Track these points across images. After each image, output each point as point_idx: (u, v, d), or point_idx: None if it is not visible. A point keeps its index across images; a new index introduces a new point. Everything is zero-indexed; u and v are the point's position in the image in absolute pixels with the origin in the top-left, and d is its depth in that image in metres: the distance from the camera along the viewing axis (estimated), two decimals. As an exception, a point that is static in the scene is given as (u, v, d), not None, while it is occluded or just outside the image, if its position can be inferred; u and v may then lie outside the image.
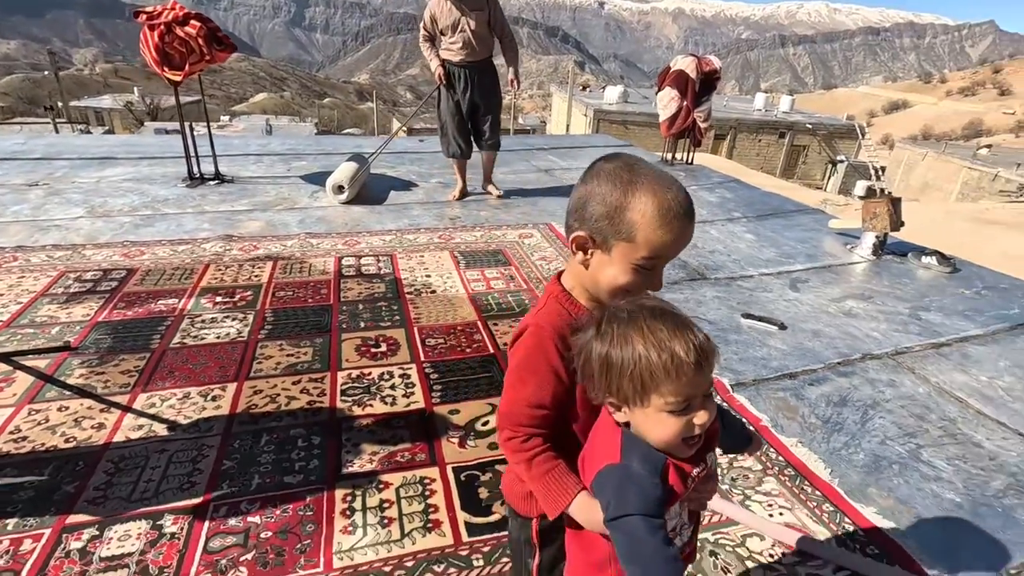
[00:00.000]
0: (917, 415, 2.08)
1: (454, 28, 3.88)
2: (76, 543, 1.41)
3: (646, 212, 0.76)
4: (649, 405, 0.70)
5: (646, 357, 0.68)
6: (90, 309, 2.53)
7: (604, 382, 0.72)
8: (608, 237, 0.79)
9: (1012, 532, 1.59)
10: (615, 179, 0.79)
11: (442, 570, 1.39)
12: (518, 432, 0.84)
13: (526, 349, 0.84)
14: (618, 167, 0.80)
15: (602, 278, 0.82)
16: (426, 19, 3.99)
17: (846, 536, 1.54)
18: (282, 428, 1.86)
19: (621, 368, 0.70)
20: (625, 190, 0.78)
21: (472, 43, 3.91)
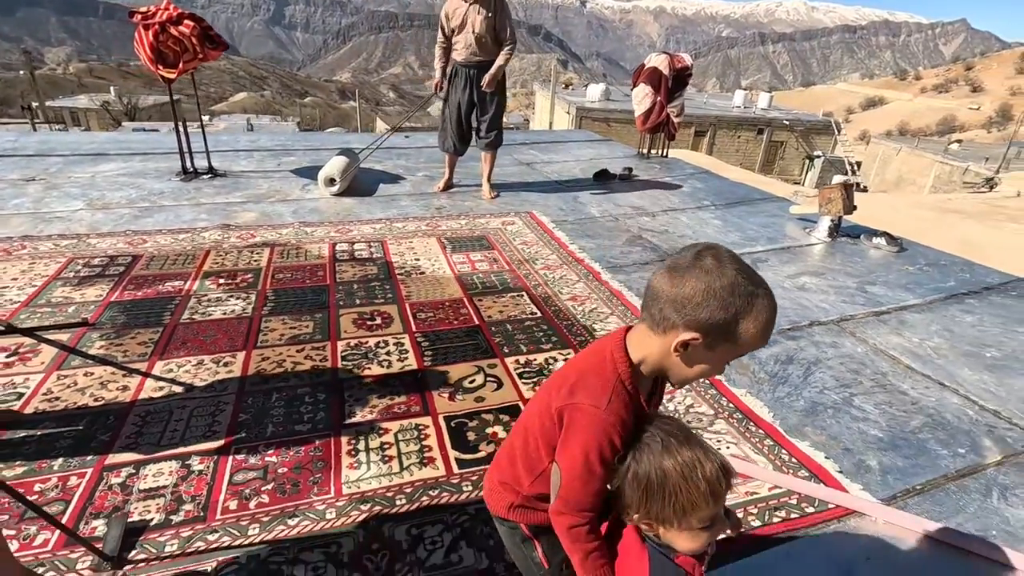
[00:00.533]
0: (853, 370, 2.36)
1: (461, 27, 4.05)
2: (116, 479, 1.62)
3: (759, 324, 0.81)
4: (686, 526, 0.81)
5: (687, 491, 0.79)
6: (102, 291, 2.72)
7: (644, 509, 0.83)
8: (717, 339, 0.82)
9: (922, 459, 1.86)
10: (737, 290, 0.80)
11: (436, 494, 1.62)
12: (584, 518, 0.88)
13: (598, 443, 0.85)
14: (739, 275, 0.81)
15: (692, 370, 0.86)
16: (441, 19, 4.19)
17: (783, 464, 1.80)
18: (290, 387, 2.07)
19: (664, 500, 0.80)
20: (747, 302, 0.80)
21: (474, 43, 4.05)
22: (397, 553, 1.43)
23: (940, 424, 2.03)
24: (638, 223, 4.15)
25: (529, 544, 1.02)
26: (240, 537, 1.46)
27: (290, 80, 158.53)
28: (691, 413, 2.02)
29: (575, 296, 2.91)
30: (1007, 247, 6.27)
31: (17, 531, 1.44)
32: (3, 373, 2.06)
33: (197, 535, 1.45)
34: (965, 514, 1.64)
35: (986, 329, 2.76)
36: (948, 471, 1.81)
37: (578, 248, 3.54)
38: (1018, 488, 1.75)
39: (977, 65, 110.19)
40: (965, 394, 2.22)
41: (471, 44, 4.07)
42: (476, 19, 4.01)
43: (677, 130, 6.17)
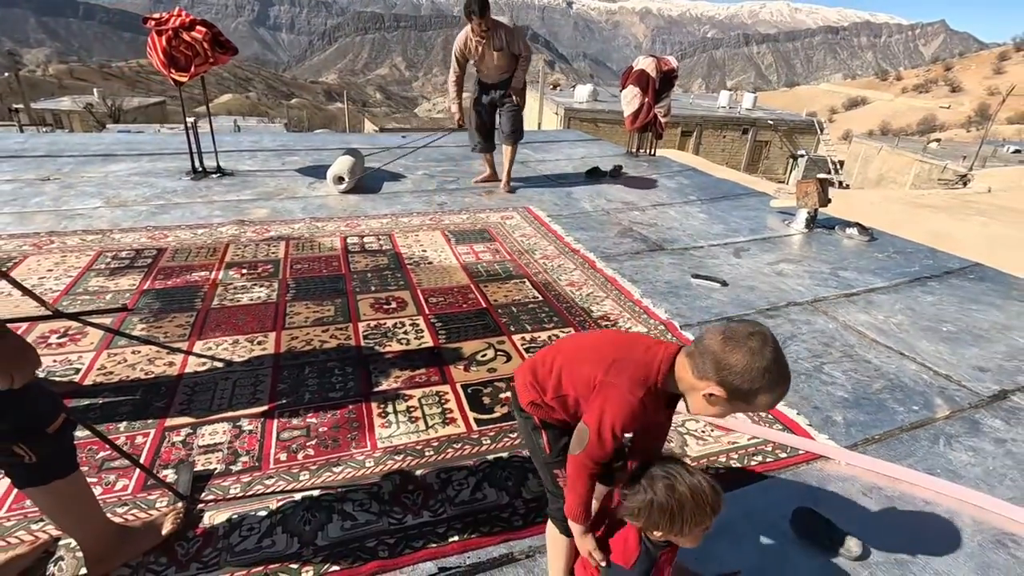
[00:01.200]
0: (824, 343, 2.63)
1: (480, 59, 4.43)
2: (177, 437, 1.84)
3: (771, 401, 1.04)
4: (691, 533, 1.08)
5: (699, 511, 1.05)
6: (134, 280, 2.92)
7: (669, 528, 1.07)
8: (737, 400, 1.04)
9: (881, 415, 2.13)
10: (768, 374, 0.99)
11: (460, 447, 1.86)
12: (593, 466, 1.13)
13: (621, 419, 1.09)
14: (774, 363, 1.00)
15: (709, 410, 1.08)
16: (456, 53, 4.44)
17: (760, 419, 2.06)
18: (320, 362, 2.30)
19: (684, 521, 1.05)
20: (771, 385, 1.00)
21: (496, 70, 4.49)
22: (430, 492, 1.67)
23: (898, 386, 2.31)
24: (628, 216, 4.41)
25: (537, 433, 1.28)
26: (293, 482, 1.68)
27: (276, 81, 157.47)
28: (680, 380, 2.28)
29: (573, 282, 3.16)
30: (972, 237, 6.64)
31: (98, 479, 1.65)
32: (59, 352, 2.26)
33: (256, 480, 1.68)
34: (915, 457, 1.91)
35: (944, 307, 3.05)
36: (903, 424, 2.08)
37: (573, 239, 3.79)
38: (961, 436, 2.02)
39: (956, 65, 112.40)
40: (922, 362, 2.50)
41: (493, 70, 4.48)
42: (493, 55, 4.38)
43: (664, 130, 6.45)
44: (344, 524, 1.54)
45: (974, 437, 2.02)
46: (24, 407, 1.17)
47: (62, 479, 1.25)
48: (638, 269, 3.38)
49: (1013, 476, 1.85)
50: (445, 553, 1.47)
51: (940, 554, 1.54)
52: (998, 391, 2.30)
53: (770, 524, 1.61)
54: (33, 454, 1.17)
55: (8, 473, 1.25)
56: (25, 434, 1.17)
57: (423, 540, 1.50)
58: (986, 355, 2.58)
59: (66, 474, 1.26)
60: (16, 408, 1.16)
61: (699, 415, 1.15)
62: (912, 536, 1.59)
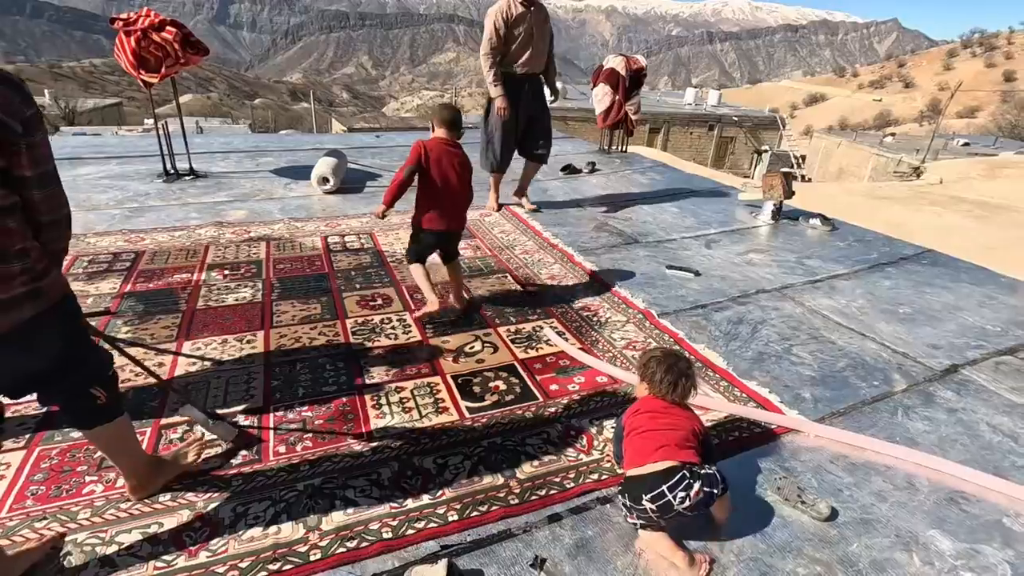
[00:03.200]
0: (792, 327, 2.79)
1: (526, 38, 3.78)
2: (174, 435, 1.86)
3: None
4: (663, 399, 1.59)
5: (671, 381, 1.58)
6: (114, 284, 2.90)
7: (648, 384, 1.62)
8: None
9: (845, 391, 2.29)
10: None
11: (454, 434, 1.94)
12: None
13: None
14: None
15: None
16: (493, 27, 3.73)
17: (736, 399, 2.19)
18: (311, 359, 2.34)
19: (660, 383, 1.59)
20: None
21: (538, 53, 3.87)
22: (428, 477, 1.74)
23: (860, 364, 2.47)
24: (604, 212, 4.53)
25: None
26: (294, 472, 1.73)
27: (238, 81, 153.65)
28: (660, 364, 2.39)
29: (553, 275, 3.26)
30: (925, 226, 7.01)
31: (99, 477, 1.67)
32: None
33: (258, 472, 1.72)
34: (877, 428, 2.06)
35: (900, 291, 3.25)
36: (865, 398, 2.24)
37: (552, 235, 3.89)
38: (917, 408, 2.19)
39: (909, 62, 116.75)
40: (881, 342, 2.68)
41: (536, 54, 3.86)
42: (543, 28, 3.84)
43: (635, 127, 6.61)
44: (347, 510, 1.60)
45: (929, 408, 2.19)
46: (98, 353, 1.43)
47: (121, 416, 1.47)
48: (615, 262, 3.50)
49: (963, 441, 2.01)
50: (446, 532, 1.55)
51: (900, 513, 1.68)
52: (949, 366, 2.49)
53: (748, 492, 1.73)
54: (104, 395, 1.39)
55: (78, 417, 1.43)
56: (99, 377, 1.40)
57: (424, 521, 1.58)
58: (939, 334, 2.78)
59: (123, 412, 1.48)
60: (93, 354, 1.40)
61: None
62: (875, 498, 1.73)
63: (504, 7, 3.74)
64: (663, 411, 1.59)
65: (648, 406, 1.61)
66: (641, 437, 1.55)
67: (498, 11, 3.74)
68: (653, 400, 1.62)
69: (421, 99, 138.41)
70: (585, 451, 1.87)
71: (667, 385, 1.58)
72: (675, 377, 1.59)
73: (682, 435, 1.52)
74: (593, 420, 2.03)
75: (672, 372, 1.59)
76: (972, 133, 46.02)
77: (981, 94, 76.51)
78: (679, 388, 1.59)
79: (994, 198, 9.27)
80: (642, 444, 1.53)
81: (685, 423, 1.56)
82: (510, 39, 3.78)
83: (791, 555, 1.52)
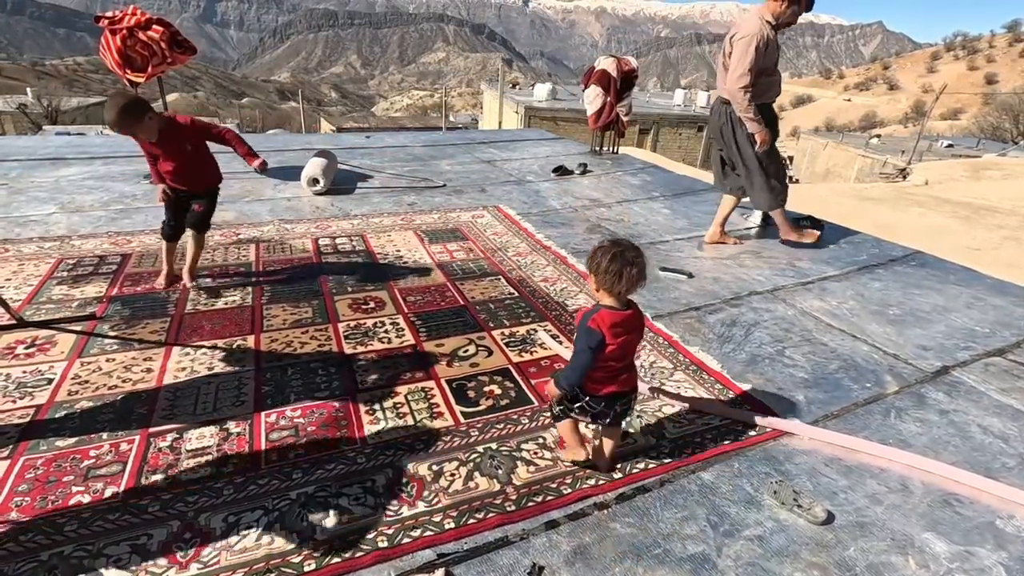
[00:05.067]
0: (784, 329, 2.80)
1: (775, 64, 3.47)
2: (163, 443, 1.83)
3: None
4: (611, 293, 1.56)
5: (615, 271, 1.52)
6: (100, 287, 2.84)
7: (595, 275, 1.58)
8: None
9: (838, 393, 2.30)
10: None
11: (449, 439, 1.92)
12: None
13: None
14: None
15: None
16: (758, 52, 3.27)
17: (729, 401, 2.19)
18: (302, 363, 2.31)
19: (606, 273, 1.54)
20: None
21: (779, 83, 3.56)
22: (424, 484, 1.72)
23: (852, 366, 2.49)
24: (596, 213, 4.53)
25: None
26: (287, 481, 1.70)
27: (225, 80, 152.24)
28: (655, 367, 2.39)
29: (546, 278, 3.25)
30: (912, 227, 7.09)
31: (85, 487, 1.63)
32: (28, 363, 2.19)
33: (250, 480, 1.69)
34: (869, 430, 2.08)
35: (890, 292, 3.28)
36: (857, 400, 2.25)
37: (544, 237, 3.88)
38: (909, 409, 2.21)
39: (893, 64, 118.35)
40: (872, 343, 2.70)
41: (776, 76, 3.51)
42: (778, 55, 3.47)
43: (626, 128, 6.63)
44: (342, 518, 1.57)
45: (921, 409, 2.21)
46: None
47: None
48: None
49: (955, 443, 2.03)
50: (442, 540, 1.53)
51: (895, 516, 1.69)
52: (940, 367, 2.51)
53: (744, 495, 1.73)
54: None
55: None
56: None
57: (420, 529, 1.56)
58: (928, 335, 2.80)
59: None
60: None
61: None
62: (870, 501, 1.74)
63: (762, 32, 3.28)
64: (634, 330, 1.63)
65: (613, 333, 1.56)
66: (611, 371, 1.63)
67: (758, 36, 3.26)
68: (609, 315, 1.56)
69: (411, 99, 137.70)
70: (581, 456, 1.86)
71: (612, 275, 1.54)
72: (620, 266, 1.54)
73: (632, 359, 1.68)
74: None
75: (617, 260, 1.54)
76: (955, 135, 46.77)
77: (964, 96, 77.75)
78: (624, 278, 1.54)
79: (978, 199, 9.41)
80: (606, 379, 1.63)
81: (636, 340, 1.65)
82: (766, 70, 3.37)
83: (788, 559, 1.52)
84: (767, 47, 3.30)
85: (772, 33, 3.34)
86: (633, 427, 1.99)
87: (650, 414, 2.09)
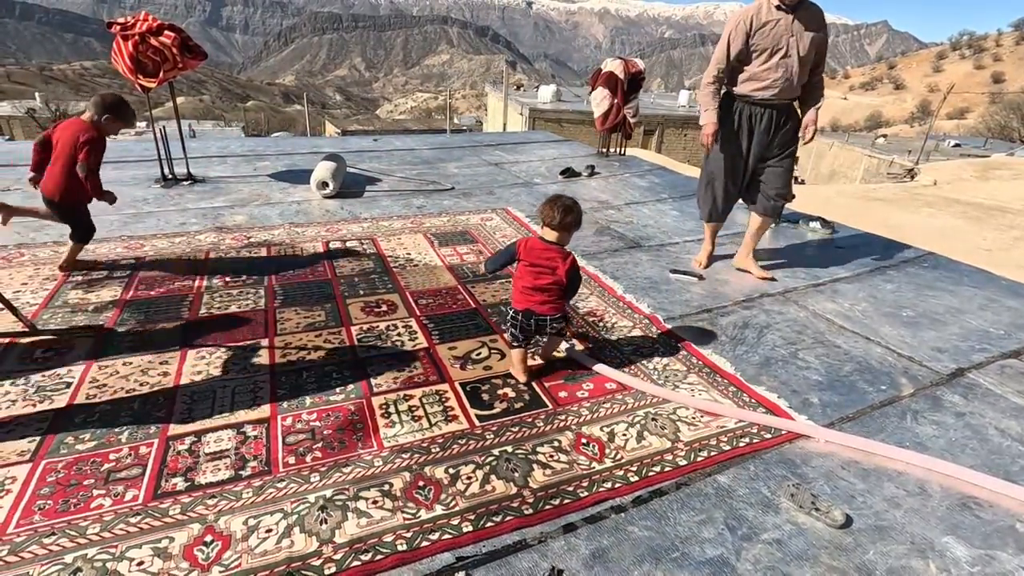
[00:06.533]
0: (797, 331, 2.79)
1: (772, 49, 2.91)
2: (182, 446, 1.84)
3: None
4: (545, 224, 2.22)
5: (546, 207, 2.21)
6: (115, 292, 2.86)
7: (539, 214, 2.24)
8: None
9: (852, 395, 2.29)
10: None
11: (465, 443, 1.92)
12: None
13: None
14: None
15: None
16: (726, 40, 2.98)
17: (744, 404, 2.19)
18: (317, 366, 2.32)
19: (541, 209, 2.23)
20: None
21: (792, 74, 2.94)
22: (441, 487, 1.72)
23: (867, 369, 2.48)
24: (605, 215, 4.53)
25: None
26: (304, 484, 1.71)
27: (230, 84, 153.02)
28: (667, 370, 2.39)
29: (557, 280, 3.25)
30: (921, 227, 7.05)
31: (106, 491, 1.64)
32: (46, 366, 2.21)
33: (268, 484, 1.70)
34: (885, 433, 2.07)
35: (903, 294, 3.27)
36: (873, 402, 2.24)
37: (554, 239, 3.87)
38: (925, 412, 2.20)
39: (899, 64, 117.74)
40: (886, 345, 2.69)
41: (787, 75, 2.93)
42: (802, 39, 2.88)
43: (633, 129, 6.63)
44: (360, 521, 1.58)
45: (937, 412, 2.20)
46: None
47: None
48: (619, 266, 3.49)
49: (973, 445, 2.02)
50: (461, 544, 1.53)
51: (914, 519, 1.68)
52: (955, 369, 2.50)
53: (761, 498, 1.73)
54: None
55: None
56: None
57: (438, 532, 1.56)
58: (943, 337, 2.79)
59: None
60: None
61: None
62: (889, 504, 1.74)
63: (753, 10, 2.94)
64: (544, 262, 2.17)
65: (532, 255, 2.19)
66: (523, 288, 2.22)
67: (741, 17, 2.96)
68: (535, 242, 2.21)
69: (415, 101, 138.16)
70: (597, 459, 1.86)
71: (544, 209, 2.20)
72: (550, 205, 2.19)
73: (556, 294, 2.20)
74: (604, 427, 2.02)
75: (550, 203, 2.19)
76: (962, 134, 46.48)
77: (970, 95, 77.29)
78: (556, 213, 2.15)
79: (987, 199, 9.35)
80: (521, 296, 2.22)
81: (561, 281, 2.18)
82: (749, 53, 2.96)
83: (808, 563, 1.52)
84: (751, 30, 2.92)
85: (771, 14, 2.89)
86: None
87: (665, 417, 2.09)
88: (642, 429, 2.02)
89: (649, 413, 2.10)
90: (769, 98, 3.02)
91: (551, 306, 2.21)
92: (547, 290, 2.19)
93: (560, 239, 2.19)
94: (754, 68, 3.00)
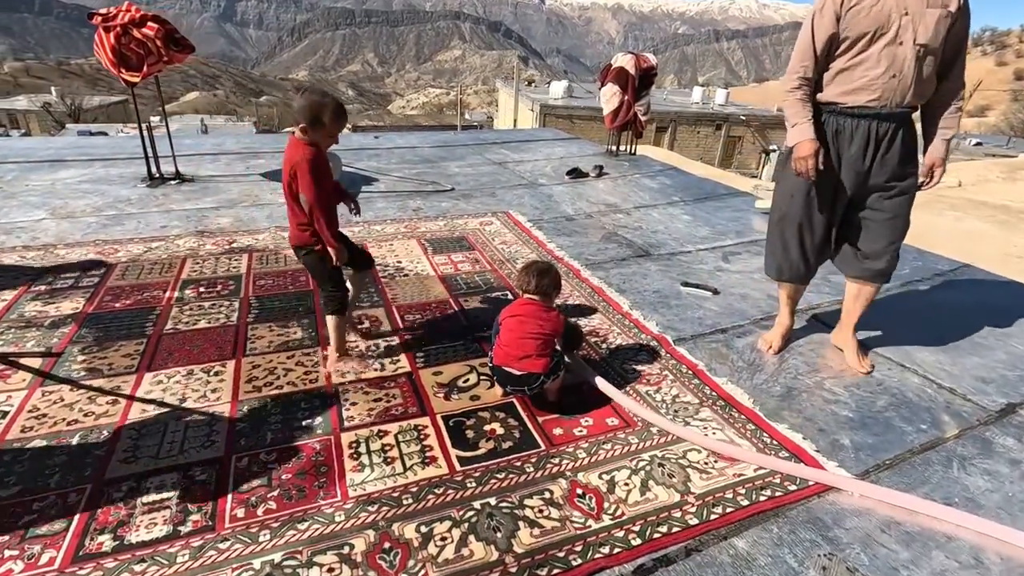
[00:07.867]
0: (822, 355, 2.51)
1: (875, 35, 1.96)
2: (118, 493, 1.61)
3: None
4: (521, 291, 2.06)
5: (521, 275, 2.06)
6: (77, 303, 2.65)
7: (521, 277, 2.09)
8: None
9: (889, 435, 2.01)
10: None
11: (442, 492, 1.67)
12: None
13: None
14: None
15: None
16: (813, 24, 2.03)
17: (765, 447, 1.92)
18: (284, 394, 2.08)
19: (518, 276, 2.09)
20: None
21: (905, 70, 1.97)
22: (409, 550, 1.48)
23: (903, 403, 2.19)
24: (612, 220, 4.26)
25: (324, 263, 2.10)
26: (252, 544, 1.47)
27: (244, 79, 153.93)
28: (677, 403, 2.12)
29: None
30: (948, 233, 6.69)
31: (20, 551, 1.42)
32: (-17, 392, 2.00)
33: (208, 544, 1.46)
34: (930, 484, 1.79)
35: (939, 314, 2.96)
36: (913, 446, 1.96)
37: (556, 246, 3.62)
38: (975, 458, 1.91)
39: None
40: (924, 374, 2.40)
41: (897, 71, 1.97)
42: (923, 18, 1.92)
43: (644, 128, 6.33)
44: (310, 596, 1.34)
45: (988, 459, 1.91)
46: None
47: None
48: (625, 277, 3.22)
49: (1033, 502, 1.74)
50: (427, 626, 1.29)
51: (970, 599, 1.41)
52: (1005, 405, 2.21)
53: (786, 570, 1.46)
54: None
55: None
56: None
57: (402, 611, 1.32)
58: (987, 365, 2.49)
59: None
60: None
61: None
62: (938, 579, 1.46)
63: None
64: (530, 316, 1.99)
65: (516, 310, 2.03)
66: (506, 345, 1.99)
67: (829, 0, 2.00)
68: (521, 304, 2.04)
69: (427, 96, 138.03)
70: (594, 515, 1.61)
71: (520, 279, 2.08)
72: (523, 271, 2.07)
73: (539, 344, 1.95)
74: (603, 474, 1.76)
75: (527, 271, 2.06)
76: (984, 132, 45.41)
77: (992, 93, 75.62)
78: (531, 279, 2.03)
79: (1015, 202, 8.92)
80: (505, 354, 1.98)
81: (544, 328, 1.98)
82: (841, 42, 2.03)
83: (845, 663, 1.25)
84: (844, 14, 1.98)
85: None
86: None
87: (673, 462, 1.82)
88: (647, 477, 1.75)
89: (655, 457, 1.84)
90: (866, 105, 2.04)
91: (532, 361, 1.95)
92: (534, 337, 1.96)
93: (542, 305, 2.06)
94: (844, 63, 2.04)
